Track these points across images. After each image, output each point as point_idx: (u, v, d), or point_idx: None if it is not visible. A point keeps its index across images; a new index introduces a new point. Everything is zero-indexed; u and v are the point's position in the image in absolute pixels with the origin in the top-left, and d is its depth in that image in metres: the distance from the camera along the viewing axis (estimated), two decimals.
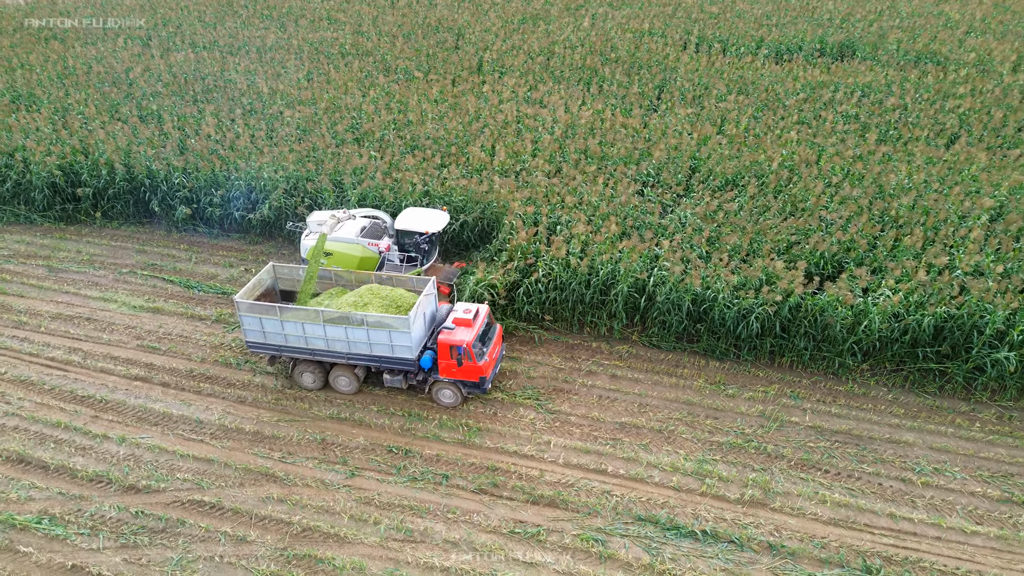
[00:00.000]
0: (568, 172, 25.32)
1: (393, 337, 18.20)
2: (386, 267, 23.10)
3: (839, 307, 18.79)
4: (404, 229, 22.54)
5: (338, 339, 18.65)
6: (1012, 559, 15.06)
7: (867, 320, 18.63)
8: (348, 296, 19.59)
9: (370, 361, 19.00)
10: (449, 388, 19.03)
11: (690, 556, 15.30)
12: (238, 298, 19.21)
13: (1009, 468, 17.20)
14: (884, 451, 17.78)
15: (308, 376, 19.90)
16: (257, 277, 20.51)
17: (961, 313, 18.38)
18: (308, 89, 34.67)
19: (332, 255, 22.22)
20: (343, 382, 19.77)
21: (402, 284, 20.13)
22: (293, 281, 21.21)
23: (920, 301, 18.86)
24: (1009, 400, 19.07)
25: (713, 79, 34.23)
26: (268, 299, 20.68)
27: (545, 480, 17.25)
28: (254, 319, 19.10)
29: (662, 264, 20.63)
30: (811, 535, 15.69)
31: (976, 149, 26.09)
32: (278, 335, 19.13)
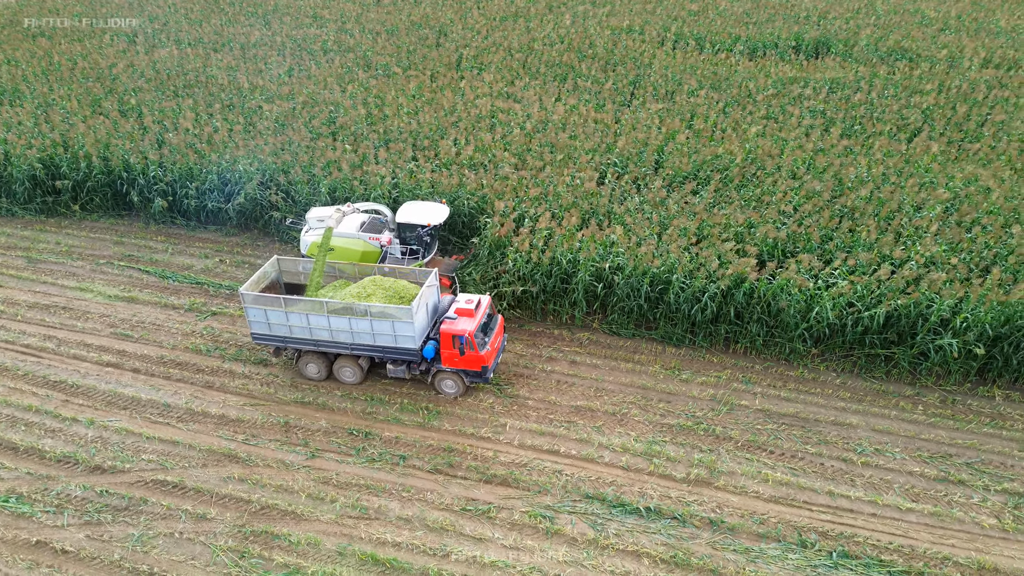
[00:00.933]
0: (534, 164, 25.80)
1: (396, 327, 18.45)
2: (388, 260, 23.23)
3: (792, 292, 19.32)
4: (405, 222, 22.69)
5: (342, 330, 18.90)
6: (944, 534, 15.61)
7: (819, 306, 19.17)
8: (352, 287, 19.88)
9: (374, 351, 19.24)
10: (451, 378, 19.32)
11: (633, 532, 15.84)
12: (243, 290, 19.40)
13: (948, 449, 17.76)
14: (828, 433, 18.34)
15: (313, 367, 20.16)
16: (262, 270, 20.72)
17: (910, 303, 18.91)
18: (287, 84, 35.18)
19: (334, 250, 22.28)
20: (347, 373, 20.04)
21: (405, 276, 20.35)
22: (297, 274, 21.54)
23: (878, 294, 19.36)
24: (953, 384, 19.63)
25: (686, 75, 34.76)
26: (272, 292, 20.90)
27: (499, 460, 17.79)
28: (259, 311, 19.33)
29: (616, 249, 21.17)
30: (752, 511, 16.24)
31: (936, 143, 26.60)
32: (282, 327, 19.37)
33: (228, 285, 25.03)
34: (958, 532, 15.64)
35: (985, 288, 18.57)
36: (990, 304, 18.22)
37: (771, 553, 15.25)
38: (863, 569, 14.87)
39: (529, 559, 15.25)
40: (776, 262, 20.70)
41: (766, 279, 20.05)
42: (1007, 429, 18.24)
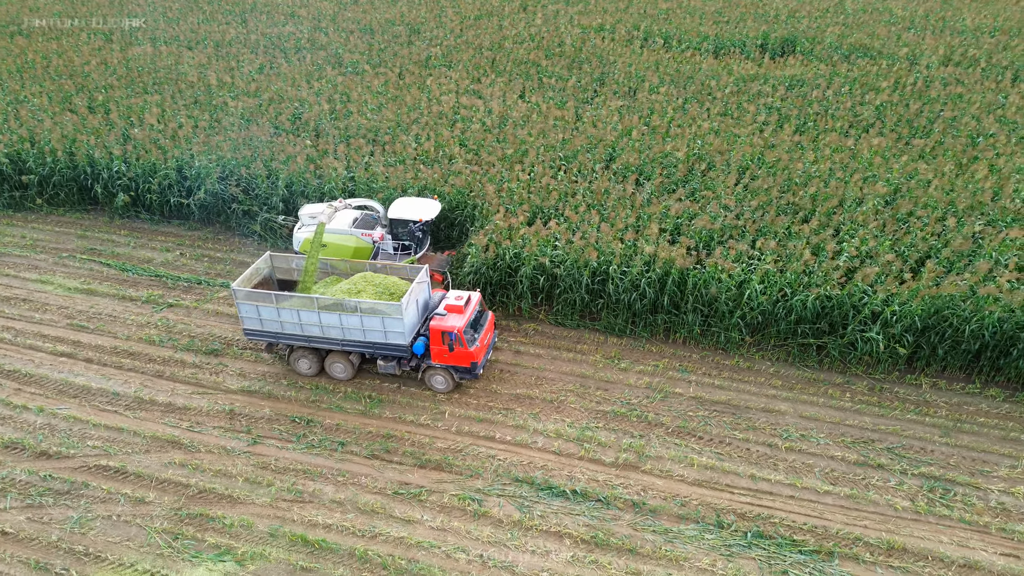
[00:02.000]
0: (487, 160, 26.26)
1: (386, 323, 18.58)
2: (380, 256, 23.38)
3: (721, 278, 19.82)
4: (397, 218, 22.78)
5: (333, 326, 19.02)
6: (858, 516, 16.10)
7: (748, 290, 19.67)
8: (342, 284, 20.00)
9: (364, 347, 19.34)
10: (441, 373, 19.44)
11: (558, 513, 16.31)
12: (235, 286, 19.51)
13: (871, 435, 18.25)
14: (757, 419, 18.82)
15: (304, 363, 20.32)
16: (254, 266, 20.78)
17: (844, 293, 19.40)
18: (256, 82, 35.59)
19: (326, 246, 22.48)
20: (338, 368, 20.16)
21: (396, 272, 20.44)
22: (289, 271, 21.63)
23: (808, 282, 19.85)
24: (882, 373, 20.12)
25: (649, 73, 35.22)
26: (265, 288, 21.00)
27: (435, 447, 18.25)
28: (251, 307, 19.48)
29: (554, 243, 21.65)
30: (675, 494, 16.72)
31: (885, 138, 27.10)
32: (274, 323, 19.50)
33: (186, 278, 25.45)
34: (872, 514, 16.12)
35: (917, 284, 19.03)
36: (921, 299, 18.67)
37: (688, 533, 15.73)
38: (775, 548, 15.35)
39: (455, 540, 15.71)
40: (707, 252, 21.16)
41: (696, 267, 20.50)
42: (930, 416, 18.73)
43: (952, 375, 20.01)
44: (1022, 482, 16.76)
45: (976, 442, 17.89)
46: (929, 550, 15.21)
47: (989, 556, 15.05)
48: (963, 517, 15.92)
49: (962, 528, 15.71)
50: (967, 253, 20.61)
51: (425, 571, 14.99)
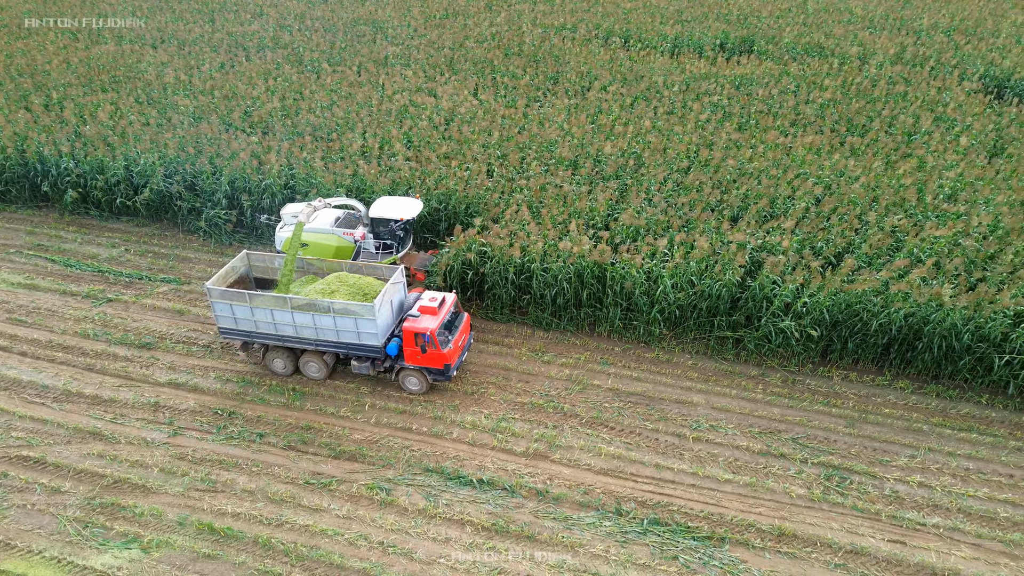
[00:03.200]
0: (427, 157, 26.60)
1: (359, 324, 18.54)
2: (362, 256, 23.23)
3: (632, 270, 20.19)
4: (378, 217, 22.56)
5: (306, 326, 18.98)
6: (754, 503, 16.47)
7: (661, 283, 20.04)
8: (317, 284, 19.95)
9: (338, 348, 19.30)
10: (415, 375, 19.37)
11: (464, 502, 16.65)
12: (209, 285, 19.43)
13: (779, 425, 18.63)
14: (670, 410, 19.19)
15: (279, 362, 20.31)
16: (229, 265, 20.65)
17: (754, 286, 19.79)
18: (213, 80, 35.85)
19: (308, 246, 22.42)
20: (313, 368, 20.17)
21: (373, 272, 20.40)
22: (267, 269, 21.57)
23: (718, 276, 20.24)
24: (796, 366, 20.51)
25: (603, 72, 35.57)
26: (242, 286, 20.96)
27: (352, 438, 18.58)
28: (225, 306, 19.43)
29: (478, 239, 22.03)
30: (579, 483, 17.07)
31: (819, 136, 27.50)
32: (248, 321, 19.46)
33: (128, 273, 25.73)
34: (768, 501, 16.50)
35: (826, 278, 19.42)
36: (829, 291, 19.07)
37: (587, 520, 16.08)
38: (669, 535, 15.72)
39: (359, 528, 16.05)
40: (634, 247, 21.54)
41: (612, 262, 20.86)
42: (837, 407, 19.12)
43: (864, 368, 20.41)
44: (918, 471, 17.15)
45: (879, 432, 18.28)
46: (819, 536, 15.59)
47: (876, 542, 15.43)
48: (856, 505, 16.30)
49: (854, 515, 16.10)
50: (886, 249, 20.97)
51: (325, 558, 15.32)
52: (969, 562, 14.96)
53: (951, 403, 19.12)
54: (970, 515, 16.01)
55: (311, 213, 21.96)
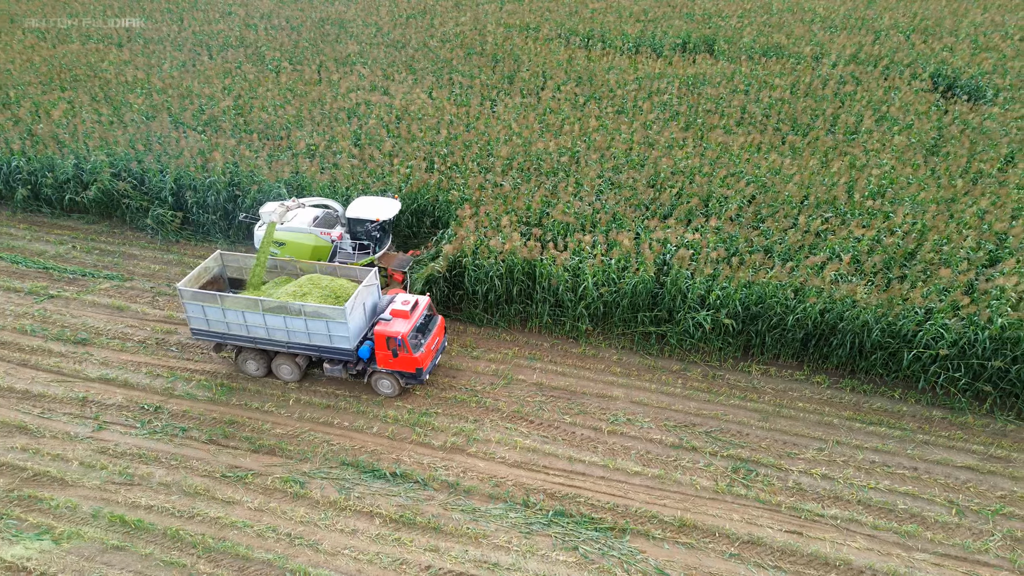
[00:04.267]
0: (369, 154, 26.83)
1: (331, 327, 18.44)
2: (339, 256, 23.04)
3: (556, 268, 20.46)
4: (355, 217, 22.37)
5: (278, 328, 18.92)
6: (660, 495, 16.74)
7: (584, 281, 20.31)
8: (289, 286, 19.84)
9: (310, 350, 19.25)
10: (387, 378, 19.28)
11: (376, 494, 16.90)
12: (181, 286, 19.37)
13: (694, 419, 18.90)
14: (590, 404, 19.44)
15: (252, 364, 20.28)
16: (203, 265, 20.62)
17: (668, 281, 20.07)
18: (172, 79, 36.00)
19: (285, 245, 22.28)
20: (285, 370, 20.08)
21: (347, 274, 20.30)
22: (241, 269, 21.44)
23: (631, 272, 20.51)
24: (717, 361, 20.78)
25: (558, 71, 35.80)
26: (216, 287, 20.93)
27: (274, 432, 18.80)
28: (197, 307, 19.35)
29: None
30: (492, 476, 17.32)
31: (757, 135, 27.76)
32: (220, 323, 19.41)
33: (73, 270, 25.90)
34: (673, 493, 16.77)
35: (732, 269, 19.71)
36: (739, 283, 19.36)
37: (494, 512, 16.33)
38: (573, 526, 15.98)
39: (269, 520, 16.28)
40: (564, 244, 21.80)
41: (540, 259, 21.12)
42: (753, 401, 19.40)
43: (784, 363, 20.69)
44: (824, 464, 17.44)
45: (791, 426, 18.56)
46: (718, 527, 15.85)
47: (773, 533, 15.71)
48: (759, 496, 16.58)
49: (755, 507, 16.37)
50: (810, 247, 21.24)
51: (231, 549, 15.55)
52: (862, 552, 15.24)
53: (865, 397, 19.41)
54: (869, 507, 16.30)
55: (283, 213, 21.84)
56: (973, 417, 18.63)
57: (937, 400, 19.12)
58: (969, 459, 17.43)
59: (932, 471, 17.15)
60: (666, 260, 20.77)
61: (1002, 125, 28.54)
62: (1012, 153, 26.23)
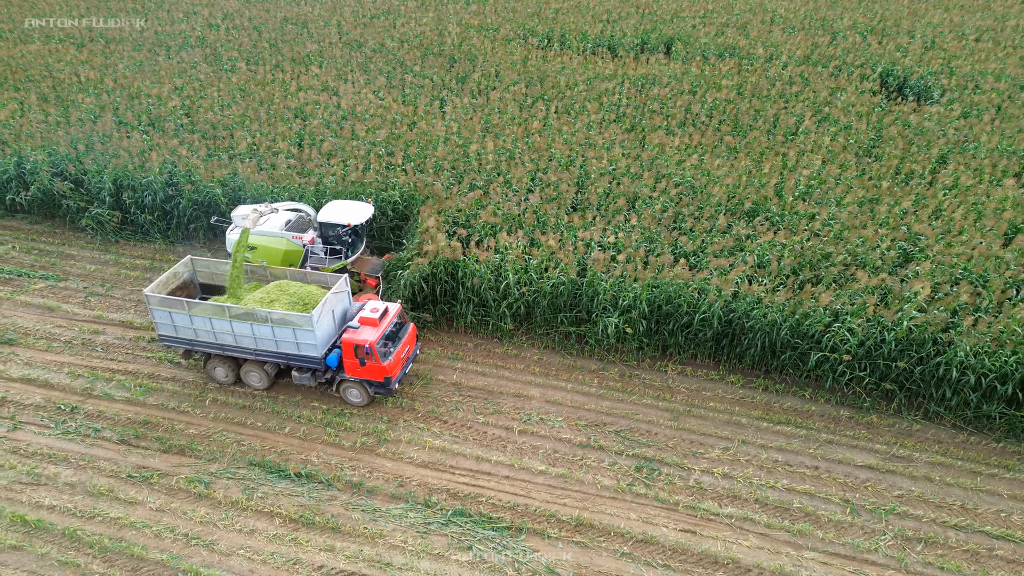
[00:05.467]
0: (308, 154, 26.86)
1: (298, 335, 18.18)
2: (310, 260, 22.66)
3: (478, 267, 20.53)
4: (326, 221, 22.00)
5: (245, 335, 18.69)
6: (561, 495, 16.81)
7: (505, 279, 20.38)
8: (256, 292, 19.54)
9: (277, 358, 19.01)
10: (356, 387, 19.00)
11: (280, 494, 16.94)
12: (148, 292, 19.12)
13: (606, 419, 18.98)
14: (505, 404, 19.50)
15: (220, 371, 20.02)
16: (172, 270, 20.39)
17: (581, 281, 20.16)
18: (124, 78, 35.98)
19: (256, 249, 21.90)
20: (254, 378, 19.89)
21: (318, 280, 20.09)
22: (212, 275, 21.21)
23: (553, 272, 20.61)
24: (634, 360, 20.87)
25: (511, 72, 35.86)
26: (186, 292, 20.78)
27: (187, 432, 18.82)
28: (164, 313, 19.12)
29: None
30: (398, 476, 17.37)
31: (701, 136, 27.89)
32: (188, 329, 19.20)
33: (9, 270, 25.87)
34: (574, 492, 16.84)
35: (636, 270, 19.85)
36: (643, 284, 19.47)
37: (394, 512, 16.39)
38: (471, 525, 16.04)
39: (169, 520, 16.31)
40: (479, 243, 21.86)
41: (463, 259, 21.18)
42: (666, 400, 19.49)
43: (702, 362, 20.78)
44: (727, 463, 17.53)
45: (700, 425, 18.66)
46: (614, 526, 15.93)
47: (667, 531, 15.79)
48: (658, 496, 16.67)
49: (654, 506, 16.46)
50: (730, 249, 21.34)
51: (127, 549, 15.58)
52: (752, 551, 15.33)
53: (776, 397, 19.52)
54: (766, 506, 16.40)
55: (257, 218, 21.57)
56: (879, 417, 18.75)
57: (846, 400, 19.24)
58: (871, 458, 17.55)
59: (832, 470, 17.26)
60: (585, 260, 20.83)
61: (941, 126, 28.69)
62: (944, 154, 26.37)
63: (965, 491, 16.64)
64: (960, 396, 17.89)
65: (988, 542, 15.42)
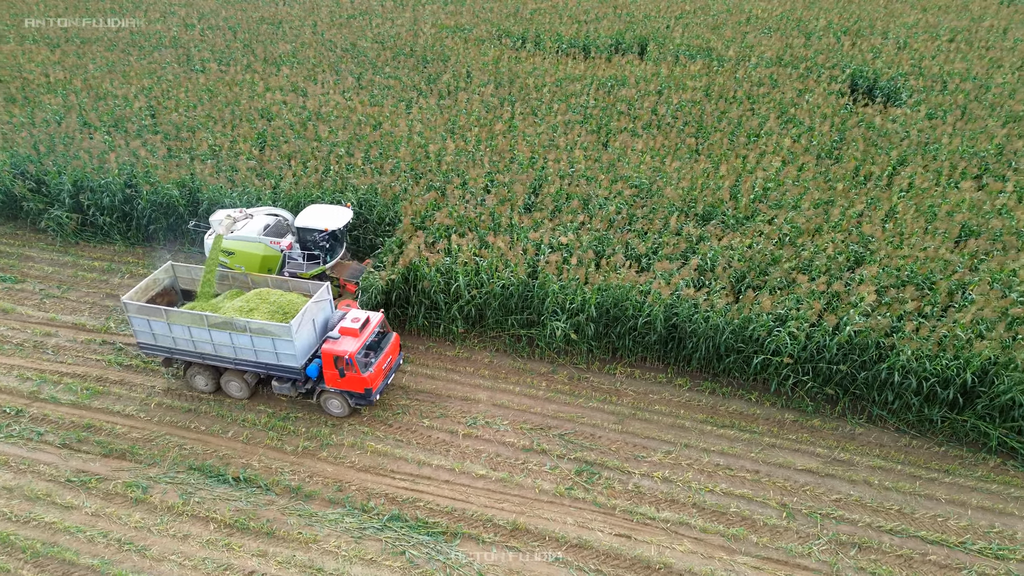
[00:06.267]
0: (268, 156, 26.76)
1: (277, 345, 17.85)
2: (288, 266, 22.45)
3: (428, 269, 20.46)
4: (304, 227, 21.59)
5: (224, 344, 18.38)
6: (500, 499, 16.73)
7: (455, 282, 20.32)
8: (236, 300, 19.22)
9: (257, 368, 18.69)
10: (336, 398, 18.67)
11: (217, 499, 16.84)
12: (126, 299, 18.85)
13: (551, 422, 18.90)
14: (452, 407, 19.42)
15: (200, 379, 19.74)
16: (152, 276, 20.10)
17: (532, 283, 20.09)
18: (95, 78, 35.82)
19: (234, 254, 21.76)
20: (234, 387, 19.58)
21: (299, 288, 19.73)
22: (195, 280, 20.80)
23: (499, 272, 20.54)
24: (583, 363, 20.80)
25: (481, 72, 35.76)
26: (166, 299, 20.53)
27: (130, 436, 18.71)
28: (143, 321, 18.82)
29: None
30: (338, 480, 17.28)
31: (664, 138, 27.82)
32: (167, 338, 18.90)
33: None
34: (513, 497, 16.76)
35: (586, 273, 19.83)
36: (592, 288, 19.40)
37: (330, 517, 16.30)
38: (406, 530, 15.96)
39: (103, 525, 16.21)
40: (432, 245, 21.77)
41: (415, 261, 21.09)
42: (612, 403, 19.42)
43: (652, 365, 20.72)
44: (668, 467, 17.46)
45: (644, 428, 18.59)
46: (550, 531, 15.86)
47: (603, 536, 15.72)
48: (596, 500, 16.59)
49: (591, 510, 16.38)
50: (683, 252, 21.27)
51: (59, 554, 15.47)
52: (686, 555, 15.27)
53: (722, 400, 19.46)
54: (703, 509, 16.33)
55: (231, 224, 21.29)
56: (823, 420, 18.70)
57: (791, 403, 19.19)
58: (812, 462, 17.50)
59: (772, 474, 17.20)
60: (535, 262, 20.76)
61: (904, 127, 28.64)
62: (904, 156, 26.31)
63: (903, 495, 16.60)
64: (902, 400, 17.84)
65: (922, 547, 15.38)
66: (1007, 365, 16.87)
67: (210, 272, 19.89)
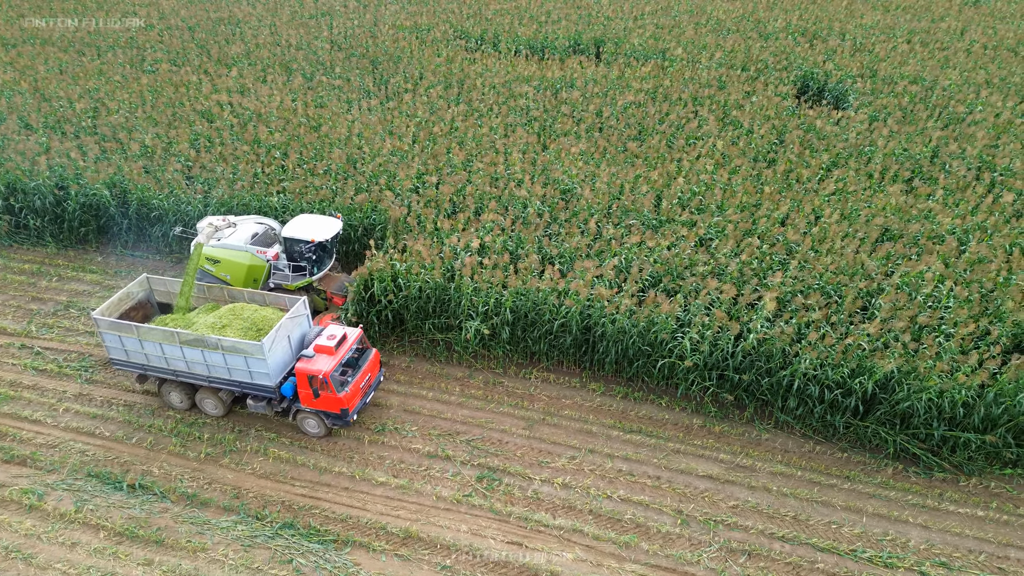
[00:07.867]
0: (202, 158, 26.58)
1: (250, 363, 17.28)
2: (274, 276, 22.07)
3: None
4: (290, 237, 21.18)
5: (197, 362, 17.80)
6: (396, 506, 16.58)
7: (375, 286, 20.25)
8: (209, 316, 18.61)
9: (230, 386, 18.10)
10: (313, 418, 18.04)
11: (112, 507, 16.65)
12: (96, 314, 18.21)
13: (460, 427, 18.70)
14: (361, 413, 19.19)
15: (175, 396, 19.24)
16: (125, 290, 19.48)
17: (449, 286, 19.96)
18: (43, 80, 35.55)
19: (220, 263, 21.42)
20: (209, 404, 19.05)
21: (276, 303, 19.09)
22: (171, 294, 20.21)
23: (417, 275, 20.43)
24: (500, 368, 20.66)
25: (431, 73, 35.61)
26: (141, 312, 19.94)
27: (34, 441, 18.51)
28: (114, 336, 18.29)
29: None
30: (236, 487, 17.11)
31: (607, 141, 27.71)
32: (139, 354, 18.37)
33: None
34: (410, 504, 16.61)
35: (502, 275, 19.74)
36: (510, 290, 19.29)
37: (223, 525, 16.13)
38: (297, 538, 15.81)
39: None
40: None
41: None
42: (523, 408, 19.29)
43: (568, 369, 20.59)
44: (571, 473, 17.33)
45: (552, 434, 18.46)
46: (442, 539, 15.71)
47: (494, 544, 15.58)
48: (493, 507, 16.45)
49: (487, 517, 16.24)
50: (595, 253, 21.14)
51: None
52: (575, 563, 15.15)
53: (633, 405, 19.34)
54: (599, 516, 16.21)
55: (212, 232, 20.91)
56: (731, 425, 18.60)
57: (700, 408, 19.08)
58: (713, 468, 17.39)
59: (673, 480, 17.09)
60: (453, 265, 20.62)
61: (844, 130, 28.58)
62: (837, 159, 26.25)
63: (800, 502, 16.51)
64: (805, 406, 17.75)
65: (812, 554, 15.29)
66: (909, 374, 16.77)
67: (188, 283, 19.31)
